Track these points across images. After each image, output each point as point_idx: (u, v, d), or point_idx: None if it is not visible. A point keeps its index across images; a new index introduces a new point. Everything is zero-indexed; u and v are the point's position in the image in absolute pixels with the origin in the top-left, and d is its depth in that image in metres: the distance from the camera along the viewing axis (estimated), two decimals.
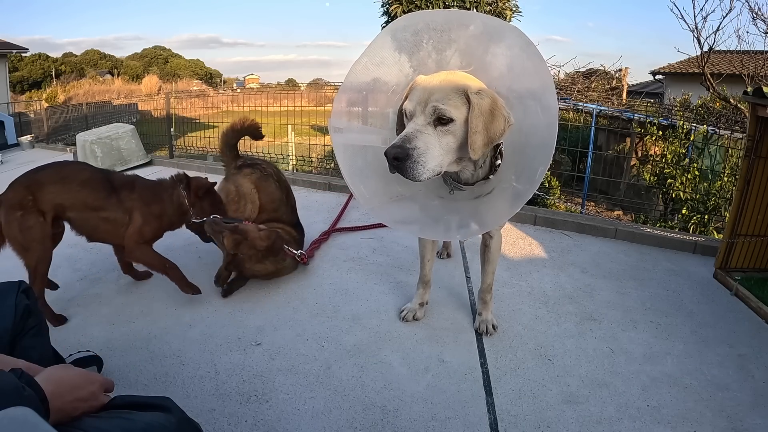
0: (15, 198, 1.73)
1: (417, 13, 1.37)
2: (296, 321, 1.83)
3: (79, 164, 1.99)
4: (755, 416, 1.36)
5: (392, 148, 1.17)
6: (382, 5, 8.25)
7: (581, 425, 1.32)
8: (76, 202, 1.81)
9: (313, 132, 6.00)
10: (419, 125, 1.21)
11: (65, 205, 1.80)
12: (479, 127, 1.20)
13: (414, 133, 1.19)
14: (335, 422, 1.32)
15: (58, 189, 1.79)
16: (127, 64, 35.37)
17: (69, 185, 1.81)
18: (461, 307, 1.94)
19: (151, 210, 1.89)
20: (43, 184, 1.78)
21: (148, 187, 1.94)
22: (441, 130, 1.22)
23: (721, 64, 7.49)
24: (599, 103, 7.28)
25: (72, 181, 1.82)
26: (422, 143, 1.19)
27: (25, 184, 1.76)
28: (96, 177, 1.86)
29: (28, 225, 1.73)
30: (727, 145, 4.39)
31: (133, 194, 1.87)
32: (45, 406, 0.68)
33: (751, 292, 2.00)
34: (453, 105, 1.20)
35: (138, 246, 1.87)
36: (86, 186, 1.82)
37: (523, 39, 1.26)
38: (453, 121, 1.21)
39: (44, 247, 1.78)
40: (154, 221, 1.90)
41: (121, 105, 12.88)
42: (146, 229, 1.88)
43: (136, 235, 1.86)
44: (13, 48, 15.06)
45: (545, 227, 2.91)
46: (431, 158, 1.20)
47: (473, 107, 1.19)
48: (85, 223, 1.86)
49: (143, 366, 1.55)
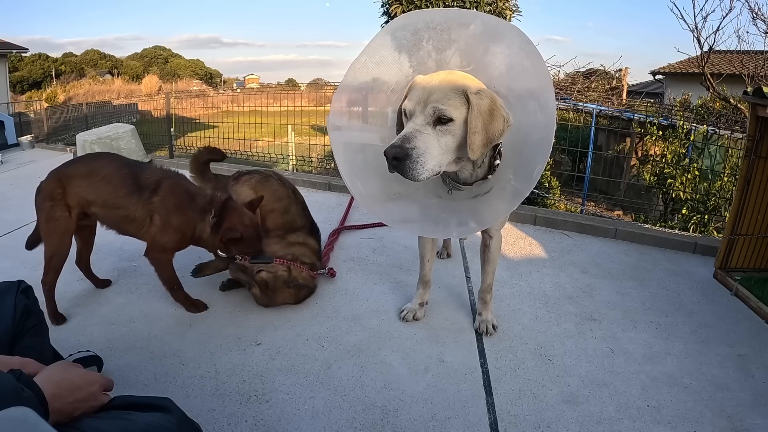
0: (48, 188, 1.77)
1: (416, 12, 1.37)
2: (296, 321, 1.83)
3: (108, 157, 1.90)
4: (755, 416, 1.36)
5: (392, 148, 1.17)
6: (382, 5, 8.24)
7: (581, 425, 1.32)
8: (98, 197, 1.77)
9: (313, 132, 6.00)
10: (418, 125, 1.21)
11: (89, 199, 1.78)
12: (478, 127, 1.20)
13: (413, 133, 1.19)
14: (335, 422, 1.32)
15: (83, 183, 1.77)
16: (127, 64, 35.36)
17: (92, 179, 1.77)
18: (461, 307, 1.94)
19: (170, 220, 1.75)
20: (72, 177, 1.78)
21: (176, 193, 1.78)
22: (440, 129, 1.22)
23: (721, 64, 7.49)
24: (599, 103, 7.28)
25: (96, 175, 1.78)
26: (421, 143, 1.19)
27: (58, 176, 1.79)
28: (120, 172, 1.78)
29: (54, 217, 1.75)
30: (727, 145, 4.39)
31: (155, 197, 1.75)
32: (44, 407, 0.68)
33: (751, 292, 2.00)
34: (452, 105, 1.20)
35: (156, 253, 1.79)
36: (108, 182, 1.77)
37: (522, 38, 1.26)
38: (452, 121, 1.21)
39: (62, 242, 1.78)
40: (173, 234, 1.77)
41: (121, 105, 12.89)
42: (164, 238, 1.76)
43: (155, 241, 1.77)
44: (13, 48, 15.05)
45: (545, 227, 2.91)
46: (430, 158, 1.20)
47: (472, 107, 1.19)
48: (109, 220, 1.83)
49: (143, 366, 1.55)
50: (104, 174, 1.78)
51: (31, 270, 2.26)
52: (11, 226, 2.91)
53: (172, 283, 1.85)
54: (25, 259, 2.42)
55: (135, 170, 1.80)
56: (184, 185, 1.83)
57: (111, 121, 7.74)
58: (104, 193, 1.76)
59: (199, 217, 1.77)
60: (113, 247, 2.56)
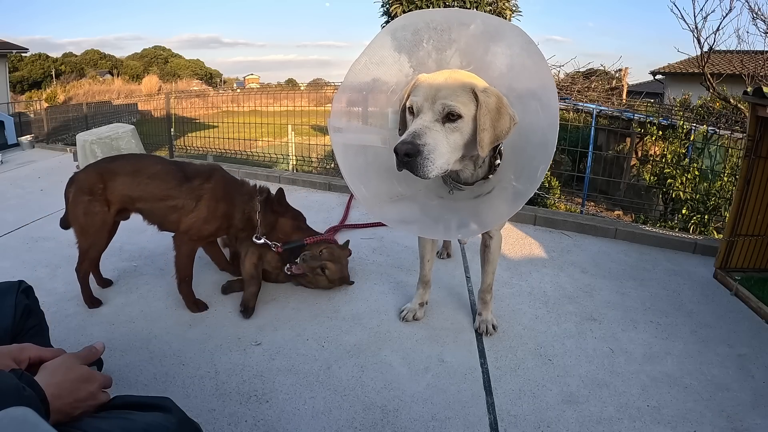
0: (87, 182, 1.80)
1: (417, 13, 1.37)
2: (296, 321, 1.83)
3: (153, 157, 2.00)
4: (755, 416, 1.36)
5: (403, 144, 1.15)
6: (382, 5, 8.25)
7: (581, 425, 1.32)
8: (145, 193, 1.82)
9: (313, 132, 6.00)
10: (427, 121, 1.19)
11: (134, 196, 1.83)
12: (487, 124, 1.19)
13: (423, 129, 1.18)
14: (335, 422, 1.32)
15: (129, 181, 1.82)
16: (127, 64, 35.37)
17: (139, 177, 1.83)
18: (461, 307, 1.94)
19: (218, 206, 1.83)
20: (116, 174, 1.82)
21: (225, 182, 1.89)
22: (449, 127, 1.20)
23: (721, 64, 7.49)
24: (599, 103, 7.28)
25: (143, 173, 1.83)
26: (431, 140, 1.17)
27: (99, 171, 1.83)
28: (167, 168, 1.85)
29: (93, 211, 1.80)
30: (727, 145, 4.39)
31: (207, 184, 1.83)
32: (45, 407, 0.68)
33: (751, 292, 2.00)
34: (461, 102, 1.19)
35: (187, 238, 1.81)
36: (156, 178, 1.82)
37: (523, 38, 1.26)
38: (461, 118, 1.20)
39: (101, 236, 1.86)
40: (216, 220, 1.83)
41: (121, 105, 12.90)
42: (205, 225, 1.81)
43: (193, 226, 1.81)
44: (13, 48, 15.06)
45: (545, 227, 2.91)
46: (440, 155, 1.18)
47: (481, 104, 1.19)
48: (154, 214, 1.87)
49: (143, 366, 1.55)
50: (152, 172, 1.84)
51: (31, 270, 2.27)
52: (11, 226, 2.92)
53: (184, 274, 1.85)
54: (25, 259, 2.43)
55: (181, 165, 1.89)
56: (229, 176, 1.94)
57: (111, 121, 7.75)
58: (154, 189, 1.82)
59: (248, 200, 1.89)
60: (113, 247, 2.54)
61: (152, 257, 2.41)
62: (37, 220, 3.05)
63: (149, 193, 1.82)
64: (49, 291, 2.01)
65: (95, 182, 1.80)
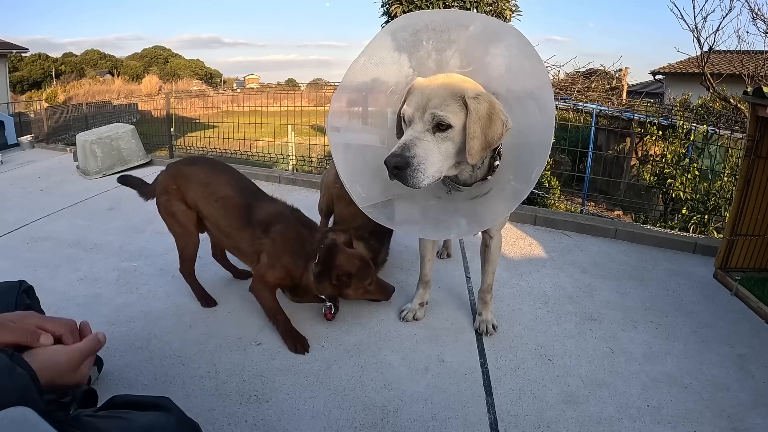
0: (163, 182, 1.84)
1: (416, 13, 1.37)
2: (296, 321, 1.82)
3: (227, 173, 1.85)
4: (755, 416, 1.36)
5: (392, 158, 1.17)
6: (382, 5, 8.24)
7: (581, 425, 1.32)
8: (210, 216, 1.79)
9: (313, 132, 6.01)
10: (418, 132, 1.21)
11: (202, 211, 1.80)
12: (477, 132, 1.20)
13: (413, 141, 1.20)
14: (335, 422, 1.32)
15: (199, 191, 1.79)
16: (127, 64, 35.38)
17: (209, 194, 1.77)
18: (461, 307, 1.94)
19: (281, 261, 1.70)
20: (189, 179, 1.81)
21: (285, 237, 1.71)
22: (440, 136, 1.22)
23: (721, 64, 7.50)
24: (599, 103, 7.28)
25: (212, 191, 1.77)
26: (421, 150, 1.19)
27: (173, 173, 1.84)
28: (234, 201, 1.76)
29: (172, 210, 1.82)
30: (727, 145, 4.39)
31: (267, 237, 1.70)
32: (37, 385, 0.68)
33: (751, 292, 2.00)
34: (451, 111, 1.20)
35: (261, 286, 1.74)
36: (222, 207, 1.76)
37: (521, 39, 1.26)
38: (452, 127, 1.21)
39: (187, 232, 1.84)
40: (279, 272, 1.71)
41: (121, 105, 12.92)
42: (269, 276, 1.72)
43: (261, 276, 1.73)
44: (13, 48, 15.05)
45: (545, 227, 2.91)
46: (430, 165, 1.20)
47: (470, 112, 1.19)
48: (216, 237, 1.91)
49: (143, 366, 1.55)
50: (221, 195, 1.77)
51: (31, 270, 2.27)
52: (11, 226, 2.92)
53: (275, 313, 1.74)
54: (25, 259, 2.43)
55: (250, 200, 1.78)
56: (295, 228, 1.74)
57: (111, 121, 7.74)
58: (218, 216, 1.78)
59: (304, 264, 1.69)
60: (113, 247, 2.56)
61: (152, 257, 2.41)
62: (37, 220, 3.05)
63: (214, 217, 1.78)
64: (49, 291, 2.01)
65: (169, 183, 1.82)
